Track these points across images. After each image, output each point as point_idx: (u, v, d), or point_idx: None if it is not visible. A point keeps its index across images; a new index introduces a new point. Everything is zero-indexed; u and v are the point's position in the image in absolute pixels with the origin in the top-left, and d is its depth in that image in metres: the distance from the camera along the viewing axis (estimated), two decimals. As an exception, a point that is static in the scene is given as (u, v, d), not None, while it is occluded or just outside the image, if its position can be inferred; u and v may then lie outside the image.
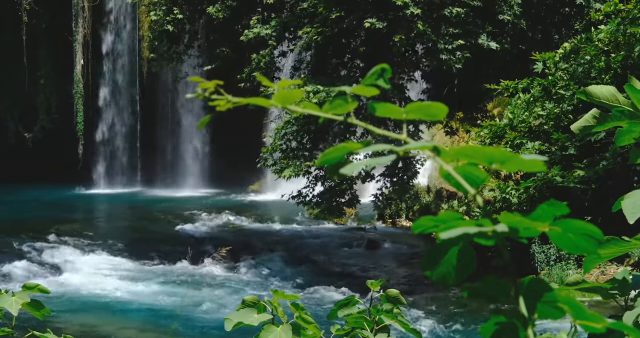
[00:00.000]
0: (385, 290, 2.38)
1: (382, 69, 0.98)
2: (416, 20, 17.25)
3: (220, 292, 17.02)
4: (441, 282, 0.92)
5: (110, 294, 16.82)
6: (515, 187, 15.04)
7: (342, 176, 0.93)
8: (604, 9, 15.43)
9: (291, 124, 18.11)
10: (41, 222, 23.75)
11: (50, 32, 35.28)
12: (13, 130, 36.30)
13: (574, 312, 0.89)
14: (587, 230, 0.89)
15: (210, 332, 13.67)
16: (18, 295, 2.39)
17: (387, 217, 25.30)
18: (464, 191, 0.91)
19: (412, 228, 0.93)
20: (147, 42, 33.09)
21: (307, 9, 18.31)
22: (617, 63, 14.56)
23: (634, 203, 1.48)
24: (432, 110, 0.96)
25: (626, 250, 1.48)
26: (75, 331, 13.24)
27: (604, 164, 14.49)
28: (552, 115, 15.22)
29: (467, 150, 0.90)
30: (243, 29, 19.30)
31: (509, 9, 17.82)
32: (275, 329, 2.19)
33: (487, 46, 17.46)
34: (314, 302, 15.93)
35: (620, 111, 1.60)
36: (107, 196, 33.70)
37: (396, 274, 18.79)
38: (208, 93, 0.98)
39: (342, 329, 2.31)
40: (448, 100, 19.54)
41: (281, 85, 0.99)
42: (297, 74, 19.61)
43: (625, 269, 1.66)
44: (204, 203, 30.35)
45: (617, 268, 14.60)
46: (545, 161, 0.89)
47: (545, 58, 15.47)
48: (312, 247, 21.87)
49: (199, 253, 20.53)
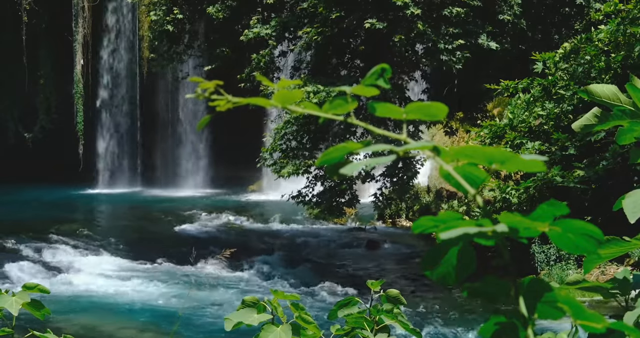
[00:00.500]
0: (385, 290, 2.38)
1: (382, 69, 0.98)
2: (416, 20, 17.24)
3: (220, 292, 17.02)
4: (441, 282, 0.92)
5: (110, 294, 16.82)
6: (515, 187, 15.04)
7: (342, 176, 0.93)
8: (604, 9, 15.43)
9: (291, 124, 18.12)
10: (41, 222, 23.75)
11: (50, 32, 35.29)
12: (13, 130, 36.30)
13: (574, 312, 0.89)
14: (587, 230, 0.89)
15: (210, 332, 13.66)
16: (18, 295, 2.39)
17: (387, 217, 25.31)
18: (464, 191, 0.91)
19: (412, 229, 0.93)
20: (147, 42, 33.08)
21: (307, 9, 18.31)
22: (617, 63, 14.55)
23: (634, 203, 1.48)
24: (432, 110, 0.96)
25: (626, 250, 1.48)
26: (75, 331, 13.24)
27: (604, 163, 14.48)
28: (552, 115, 15.22)
29: (467, 150, 0.90)
30: (243, 29, 19.29)
31: (509, 9, 17.82)
32: (275, 329, 2.19)
33: (487, 46, 17.46)
34: (314, 302, 15.92)
35: (622, 110, 1.60)
36: (107, 196, 33.71)
37: (396, 274, 18.79)
38: (208, 93, 0.98)
39: (342, 329, 2.31)
40: (448, 100, 19.53)
41: (281, 85, 0.99)
42: (297, 74, 19.61)
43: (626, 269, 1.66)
44: (204, 203, 30.36)
45: (617, 268, 14.60)
46: (545, 161, 0.89)
47: (545, 58, 15.47)
48: (312, 247, 21.88)
49: (199, 253, 20.51)
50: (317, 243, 22.45)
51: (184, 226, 24.57)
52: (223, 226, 24.92)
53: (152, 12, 21.05)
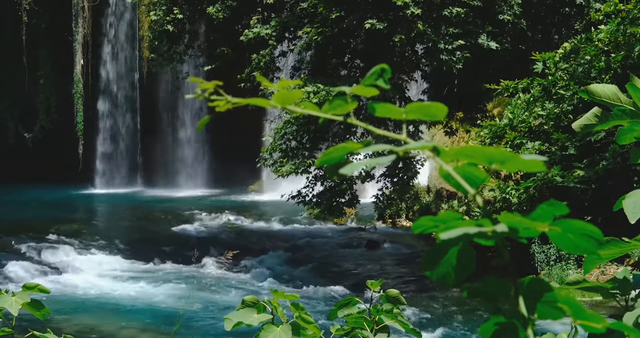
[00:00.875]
0: (385, 290, 2.38)
1: (381, 69, 0.98)
2: (416, 20, 17.24)
3: (220, 292, 17.02)
4: (441, 282, 0.92)
5: (111, 294, 16.82)
6: (515, 187, 15.03)
7: (342, 176, 0.93)
8: (604, 9, 15.43)
9: (291, 124, 18.11)
10: (41, 222, 23.75)
11: (50, 32, 35.30)
12: (13, 130, 36.31)
13: (573, 312, 0.89)
14: (587, 231, 0.89)
15: (209, 331, 13.66)
16: (18, 295, 2.39)
17: (387, 217, 25.31)
18: (464, 191, 0.91)
19: (412, 229, 0.93)
20: (147, 42, 33.08)
21: (307, 9, 18.31)
22: (617, 63, 14.55)
23: (634, 203, 1.47)
24: (432, 111, 0.95)
25: (626, 251, 1.48)
26: (75, 331, 13.24)
27: (604, 163, 14.48)
28: (552, 115, 15.22)
29: (467, 150, 0.90)
30: (243, 29, 19.29)
31: (509, 9, 17.82)
32: (275, 329, 2.19)
33: (487, 46, 17.45)
34: (314, 302, 15.92)
35: (622, 110, 1.60)
36: (107, 196, 33.70)
37: (396, 274, 18.79)
38: (207, 94, 0.98)
39: (342, 329, 2.31)
40: (448, 100, 19.54)
41: (281, 85, 0.99)
42: (297, 74, 19.60)
43: (626, 269, 1.66)
44: (204, 203, 30.35)
45: (617, 268, 14.59)
46: (545, 161, 0.89)
47: (545, 58, 15.47)
48: (312, 247, 21.87)
49: (199, 253, 20.52)
50: (317, 243, 22.45)
51: (184, 226, 24.57)
52: (223, 226, 24.92)
53: (152, 12, 21.05)
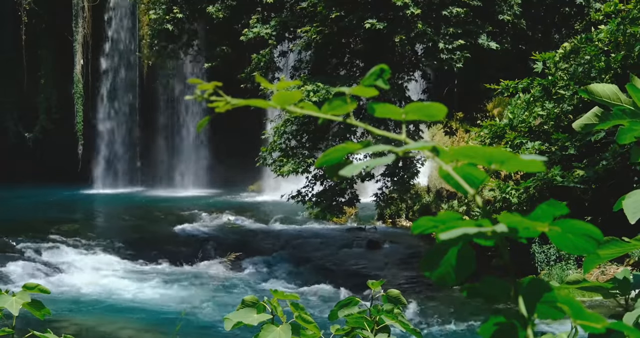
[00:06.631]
0: (385, 290, 2.38)
1: (380, 70, 0.98)
2: (416, 20, 17.24)
3: (220, 292, 17.02)
4: (441, 283, 0.92)
5: (111, 294, 16.82)
6: (515, 187, 15.03)
7: (342, 177, 0.93)
8: (604, 9, 15.43)
9: (290, 123, 18.12)
10: (41, 222, 23.74)
11: (50, 32, 35.28)
12: (13, 130, 36.30)
13: (573, 312, 0.89)
14: (586, 231, 0.89)
15: (209, 331, 13.67)
16: (18, 295, 2.39)
17: (387, 217, 25.30)
18: (464, 191, 0.91)
19: (412, 229, 0.93)
20: (146, 41, 33.07)
21: (306, 8, 18.31)
22: (617, 63, 14.55)
23: (634, 203, 1.47)
24: (432, 111, 0.95)
25: (626, 251, 1.48)
26: (75, 331, 13.24)
27: (604, 163, 14.48)
28: (552, 115, 15.22)
29: (467, 150, 0.89)
30: (243, 28, 19.29)
31: (509, 9, 17.82)
32: (274, 329, 2.19)
33: (487, 46, 17.45)
34: (314, 302, 15.92)
35: (622, 110, 1.60)
36: (107, 196, 33.69)
37: (396, 274, 18.79)
38: (207, 94, 0.98)
39: (342, 329, 2.31)
40: (448, 100, 19.55)
41: (280, 86, 0.99)
42: (297, 73, 19.61)
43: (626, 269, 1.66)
44: (204, 203, 30.34)
45: (617, 268, 14.60)
46: (544, 161, 0.89)
47: (545, 58, 15.47)
48: (312, 247, 21.86)
49: (199, 253, 20.54)
50: (317, 243, 22.44)
51: (184, 226, 24.55)
52: (223, 226, 24.91)
53: (151, 11, 21.05)
